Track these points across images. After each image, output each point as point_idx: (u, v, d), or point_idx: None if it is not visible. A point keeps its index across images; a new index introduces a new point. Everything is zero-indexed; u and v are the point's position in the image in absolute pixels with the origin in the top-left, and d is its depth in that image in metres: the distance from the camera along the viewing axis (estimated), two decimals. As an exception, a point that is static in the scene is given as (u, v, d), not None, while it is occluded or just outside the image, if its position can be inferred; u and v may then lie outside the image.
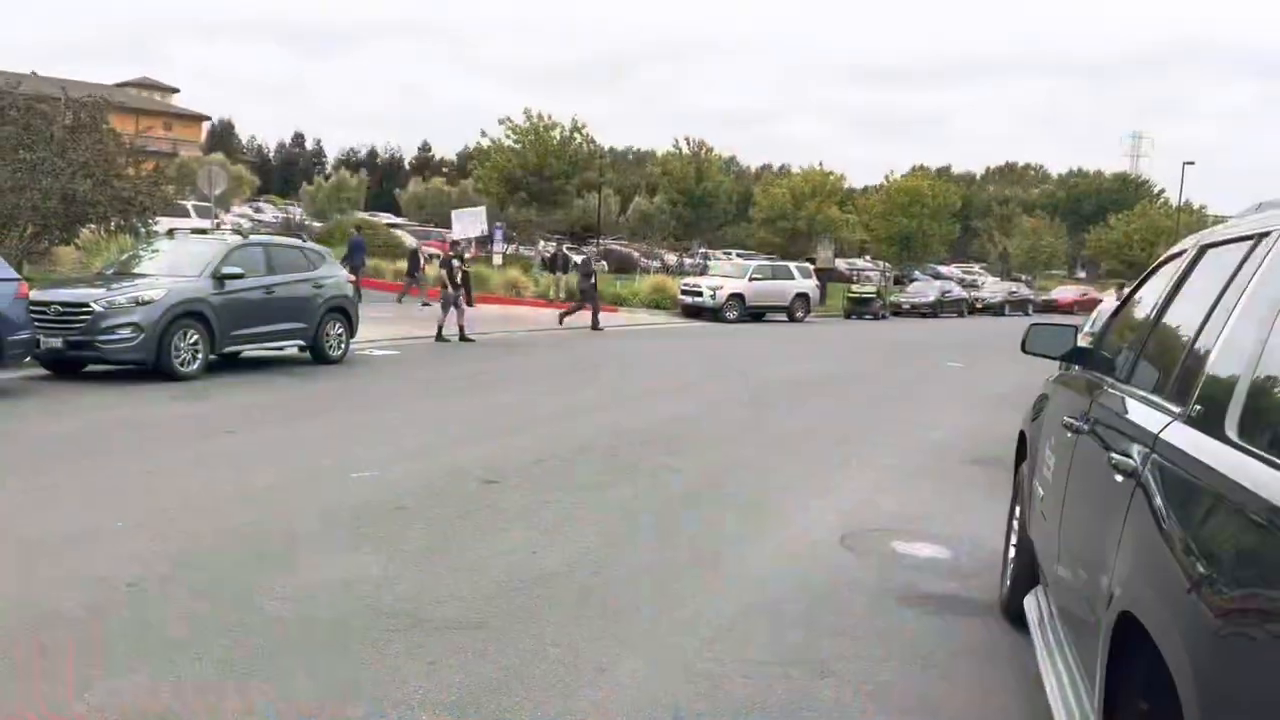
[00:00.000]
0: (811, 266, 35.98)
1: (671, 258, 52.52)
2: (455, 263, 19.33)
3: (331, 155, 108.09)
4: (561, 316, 23.20)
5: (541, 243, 42.48)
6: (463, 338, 18.60)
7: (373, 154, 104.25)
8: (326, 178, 75.98)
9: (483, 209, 30.47)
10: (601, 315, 23.69)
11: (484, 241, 33.11)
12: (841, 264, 54.40)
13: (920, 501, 7.73)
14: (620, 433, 9.97)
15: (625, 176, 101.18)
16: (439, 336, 18.51)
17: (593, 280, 23.78)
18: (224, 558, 5.49)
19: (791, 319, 31.10)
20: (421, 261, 27.75)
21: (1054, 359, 4.72)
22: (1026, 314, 43.69)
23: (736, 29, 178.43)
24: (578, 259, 29.64)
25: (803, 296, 31.47)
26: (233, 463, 7.84)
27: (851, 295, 36.19)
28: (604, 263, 29.57)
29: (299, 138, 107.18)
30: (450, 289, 18.68)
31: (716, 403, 12.62)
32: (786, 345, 22.85)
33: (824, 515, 7.12)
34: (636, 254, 49.66)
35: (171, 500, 6.67)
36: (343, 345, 14.84)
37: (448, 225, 30.79)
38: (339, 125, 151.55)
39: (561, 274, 30.14)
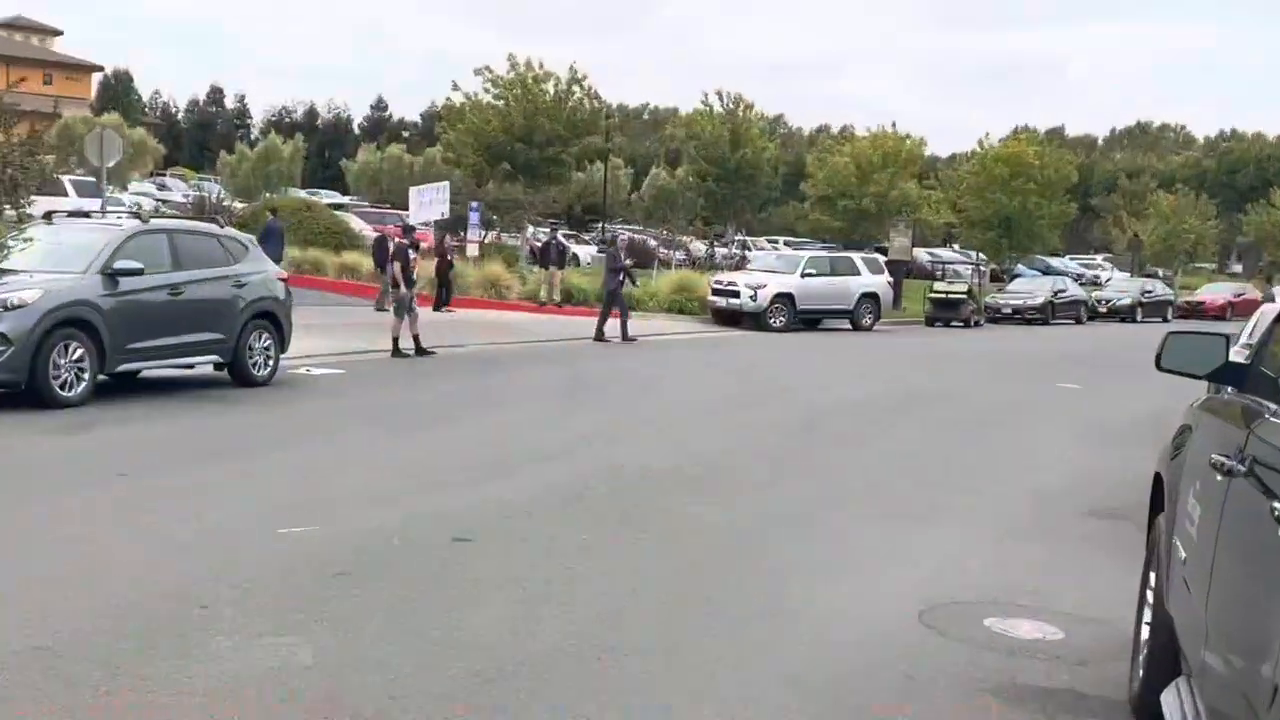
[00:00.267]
0: (882, 258, 35.99)
1: (699, 247, 52.60)
2: (412, 254, 19.42)
3: (258, 116, 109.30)
4: (599, 329, 23.39)
5: (530, 229, 42.60)
6: (419, 350, 18.67)
7: (312, 114, 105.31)
8: (252, 145, 76.69)
9: (445, 185, 30.66)
10: (616, 321, 23.77)
11: (454, 227, 33.25)
12: (922, 255, 54.65)
13: (1022, 565, 7.72)
14: (630, 474, 9.98)
15: (639, 143, 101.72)
16: (395, 350, 18.58)
17: (621, 278, 23.91)
18: (105, 643, 5.48)
19: (856, 326, 31.12)
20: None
21: (1199, 378, 4.68)
22: (1164, 320, 43.57)
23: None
24: (584, 249, 29.72)
25: (870, 297, 31.49)
26: (124, 515, 7.86)
27: (935, 296, 36.20)
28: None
29: (216, 94, 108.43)
30: (404, 287, 18.76)
31: (757, 433, 12.63)
32: (849, 360, 22.83)
33: (897, 583, 7.11)
34: (654, 243, 49.80)
35: (41, 566, 6.69)
36: (271, 362, 14.91)
37: (409, 205, 30.96)
38: (268, 77, 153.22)
39: (556, 269, 30.26)
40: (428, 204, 29.50)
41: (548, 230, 36.81)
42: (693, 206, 57.67)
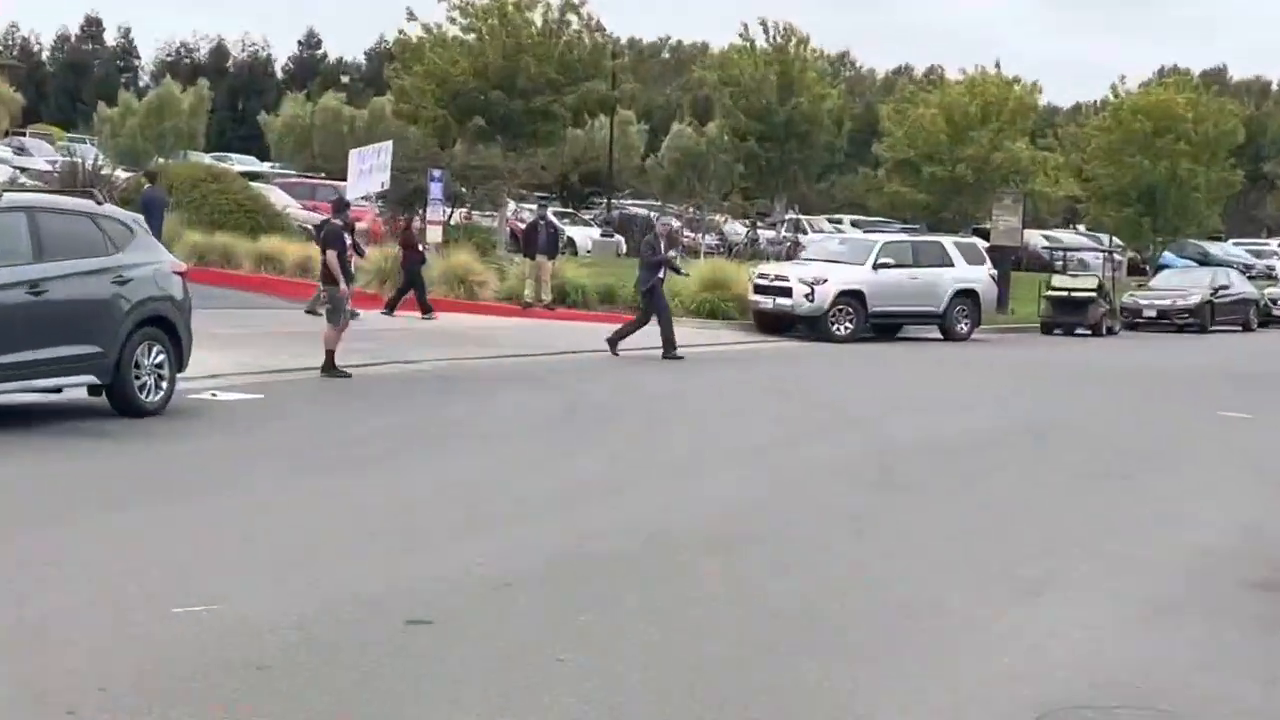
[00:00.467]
0: (983, 244, 35.87)
1: (737, 229, 52.66)
2: (348, 237, 19.39)
3: (148, 56, 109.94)
4: (614, 340, 23.38)
5: (511, 205, 42.68)
6: (328, 367, 18.35)
7: (220, 54, 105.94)
8: (141, 94, 77.07)
9: (387, 146, 30.71)
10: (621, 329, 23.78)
11: (410, 202, 33.31)
12: (1036, 239, 54.49)
13: (1173, 655, 7.68)
14: (639, 532, 9.96)
15: (656, 90, 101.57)
16: (329, 368, 18.54)
17: (662, 274, 23.90)
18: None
19: (948, 335, 31.02)
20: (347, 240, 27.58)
21: None
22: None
23: None
24: (582, 232, 29.70)
25: (967, 296, 31.40)
26: (-31, 588, 7.85)
27: (1054, 294, 36.10)
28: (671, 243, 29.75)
29: (93, 27, 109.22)
30: (342, 284, 18.71)
31: (814, 481, 12.58)
32: (939, 381, 22.77)
33: (1002, 678, 7.08)
34: (676, 223, 49.83)
35: None
36: (164, 384, 14.91)
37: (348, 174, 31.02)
38: (160, 7, 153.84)
39: (546, 259, 30.28)
40: (366, 172, 29.58)
41: (535, 207, 36.85)
42: (728, 175, 57.73)
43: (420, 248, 28.42)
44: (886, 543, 10.16)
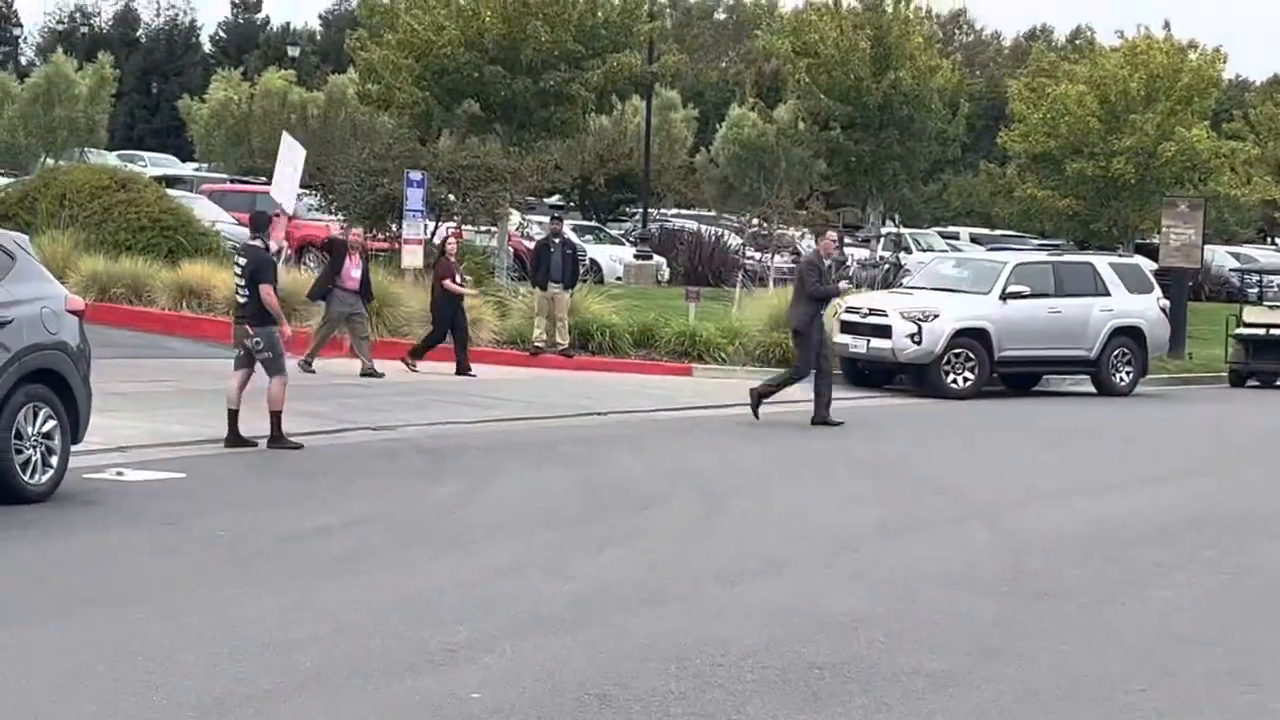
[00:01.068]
0: (1149, 265, 35.69)
1: (814, 246, 52.52)
2: (274, 251, 19.37)
3: (32, 24, 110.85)
4: (756, 400, 23.48)
5: (516, 217, 42.73)
6: (275, 437, 18.65)
7: (127, 21, 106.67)
8: (23, 74, 77.66)
9: (292, 144, 31.03)
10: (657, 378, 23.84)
11: (375, 212, 33.44)
12: (1221, 257, 54.23)
13: None
14: (687, 660, 9.92)
15: (709, 62, 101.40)
16: (277, 437, 18.58)
17: (818, 312, 23.95)
18: None
19: (1104, 387, 30.90)
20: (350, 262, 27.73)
21: None
22: None
23: None
24: (610, 252, 29.74)
25: (1129, 335, 31.30)
26: None
27: (1248, 331, 35.87)
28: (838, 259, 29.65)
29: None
30: (282, 324, 18.81)
31: (923, 589, 12.52)
32: (1090, 451, 22.67)
33: None
34: (735, 240, 49.76)
35: None
36: (54, 459, 14.92)
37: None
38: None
39: (561, 288, 30.29)
40: (285, 173, 29.88)
41: (547, 220, 36.91)
42: (805, 175, 57.76)
43: (459, 280, 28.45)
44: (1015, 673, 10.03)
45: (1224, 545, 15.17)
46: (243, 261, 19.03)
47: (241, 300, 18.92)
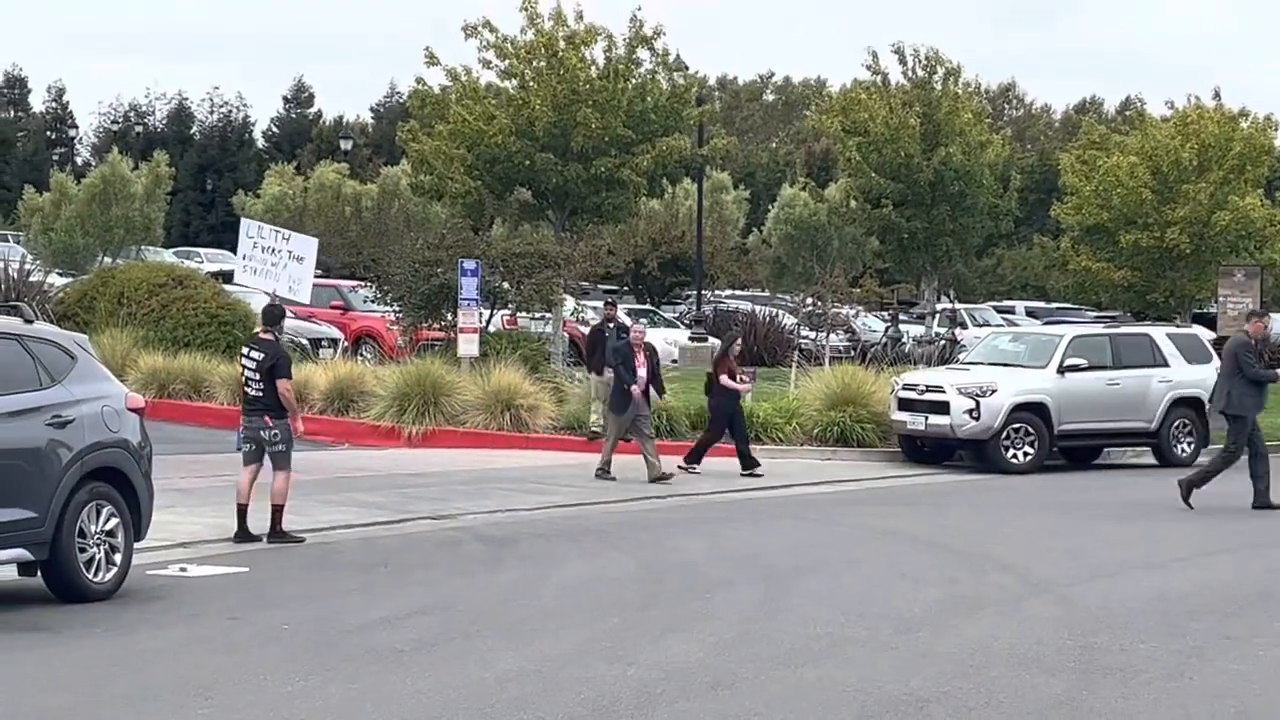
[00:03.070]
0: (1208, 335, 35.48)
1: (872, 325, 52.47)
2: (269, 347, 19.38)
3: (87, 124, 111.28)
4: (1186, 491, 23.49)
5: (570, 303, 42.77)
6: (275, 532, 18.76)
7: (181, 118, 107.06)
8: (79, 173, 78.19)
9: (310, 243, 31.22)
10: (704, 457, 23.74)
11: (430, 302, 33.50)
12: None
13: None
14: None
15: (759, 144, 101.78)
16: (278, 532, 18.65)
17: (1259, 394, 24.05)
18: None
19: (1166, 459, 30.72)
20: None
21: None
22: None
23: None
24: (666, 336, 29.78)
25: (1189, 405, 31.13)
26: None
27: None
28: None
29: (16, 87, 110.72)
30: (299, 419, 19.01)
31: (987, 668, 12.47)
32: (1151, 521, 22.56)
33: None
34: (789, 319, 49.72)
35: None
36: (118, 556, 14.98)
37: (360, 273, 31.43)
38: (100, 57, 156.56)
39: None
40: (268, 254, 30.19)
41: (601, 305, 36.94)
42: (858, 253, 57.71)
43: (742, 380, 28.54)
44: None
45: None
46: (258, 356, 18.99)
47: (254, 394, 19.01)
